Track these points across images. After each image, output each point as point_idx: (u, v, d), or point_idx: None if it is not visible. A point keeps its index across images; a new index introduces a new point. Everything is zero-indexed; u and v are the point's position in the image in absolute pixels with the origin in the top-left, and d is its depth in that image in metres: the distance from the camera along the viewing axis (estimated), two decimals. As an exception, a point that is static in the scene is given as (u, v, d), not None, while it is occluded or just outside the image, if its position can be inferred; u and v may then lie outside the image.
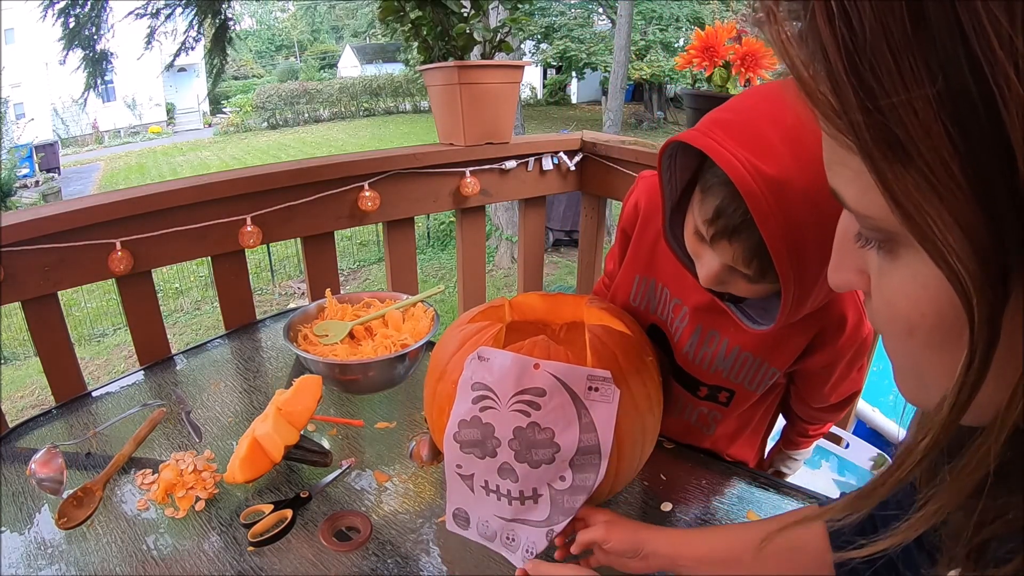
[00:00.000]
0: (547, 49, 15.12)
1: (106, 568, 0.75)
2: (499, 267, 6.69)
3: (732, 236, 0.62)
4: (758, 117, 0.57)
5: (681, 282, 0.81)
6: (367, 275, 6.88)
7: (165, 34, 4.36)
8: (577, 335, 0.82)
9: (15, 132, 13.80)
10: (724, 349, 0.80)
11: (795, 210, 0.54)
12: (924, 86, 0.20)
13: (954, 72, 0.20)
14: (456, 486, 0.70)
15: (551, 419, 0.64)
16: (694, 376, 0.86)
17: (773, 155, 0.54)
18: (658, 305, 0.87)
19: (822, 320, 0.73)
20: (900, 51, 0.20)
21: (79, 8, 4.07)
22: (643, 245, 0.87)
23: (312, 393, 0.92)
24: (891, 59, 0.20)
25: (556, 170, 1.75)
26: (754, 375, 0.81)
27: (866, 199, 0.25)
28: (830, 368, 0.79)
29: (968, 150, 0.20)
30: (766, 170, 0.53)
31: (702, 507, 0.85)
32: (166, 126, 21.53)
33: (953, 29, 0.19)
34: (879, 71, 0.21)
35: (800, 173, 0.53)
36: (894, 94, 0.21)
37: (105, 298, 5.92)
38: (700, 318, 0.80)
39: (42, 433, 1.03)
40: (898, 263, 0.26)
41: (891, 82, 0.21)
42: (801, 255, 0.56)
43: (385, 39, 22.28)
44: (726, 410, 0.88)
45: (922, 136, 0.21)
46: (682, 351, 0.85)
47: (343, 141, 15.96)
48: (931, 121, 0.20)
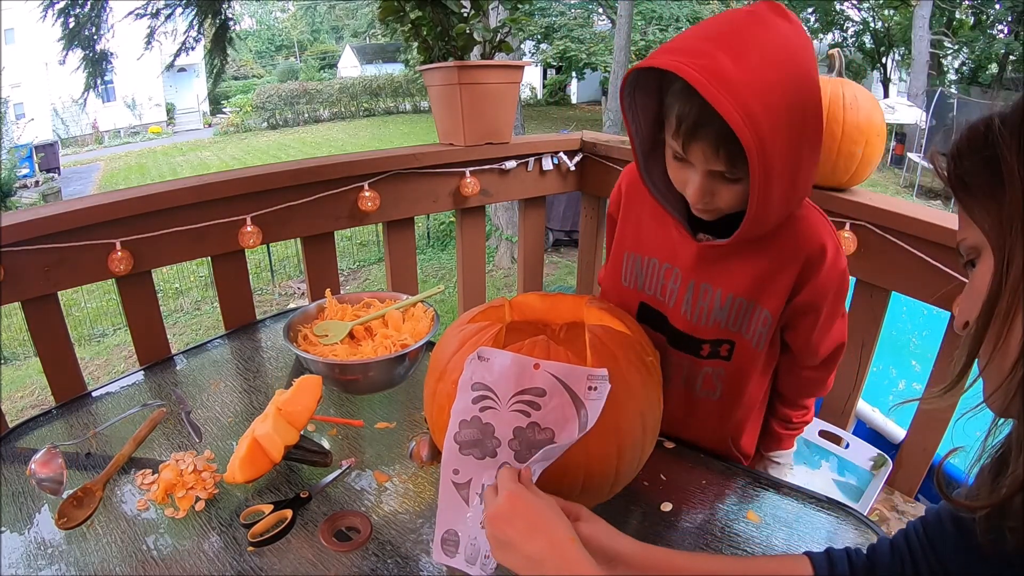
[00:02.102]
0: (547, 49, 15.11)
1: (106, 568, 0.75)
2: (499, 267, 6.69)
3: (696, 134, 0.68)
4: (691, 39, 0.67)
5: (669, 247, 0.86)
6: (367, 275, 6.88)
7: (165, 34, 4.36)
8: (577, 335, 0.82)
9: (15, 132, 13.79)
10: (719, 299, 0.84)
11: (737, 88, 0.62)
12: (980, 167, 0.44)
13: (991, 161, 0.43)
14: (448, 500, 0.68)
15: (551, 419, 0.64)
16: (695, 336, 0.88)
17: (708, 56, 0.64)
18: (647, 279, 0.91)
19: (803, 251, 0.79)
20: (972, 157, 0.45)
21: (79, 8, 4.07)
22: (628, 223, 0.92)
23: (312, 393, 0.92)
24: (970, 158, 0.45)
25: (556, 170, 1.75)
26: (750, 320, 0.84)
27: (962, 229, 0.48)
28: (816, 307, 0.83)
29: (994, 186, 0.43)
30: (703, 63, 0.63)
31: (702, 507, 0.85)
32: (166, 126, 21.52)
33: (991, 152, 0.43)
34: (964, 162, 0.46)
35: (734, 63, 0.63)
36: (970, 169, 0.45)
37: (105, 298, 5.92)
38: (692, 275, 0.85)
39: (42, 433, 1.03)
40: (979, 267, 0.46)
41: (969, 166, 0.45)
42: (757, 126, 0.63)
43: (385, 39, 22.29)
44: (729, 365, 0.89)
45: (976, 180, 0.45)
46: (681, 313, 0.88)
47: (343, 141, 15.95)
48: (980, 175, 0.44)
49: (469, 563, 0.68)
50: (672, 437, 0.97)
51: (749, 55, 0.64)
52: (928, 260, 1.15)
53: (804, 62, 0.67)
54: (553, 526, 0.53)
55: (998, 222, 0.43)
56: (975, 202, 0.45)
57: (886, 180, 9.85)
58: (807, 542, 0.79)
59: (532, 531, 0.53)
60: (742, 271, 0.81)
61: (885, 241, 1.22)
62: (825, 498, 0.87)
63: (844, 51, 1.08)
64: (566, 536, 0.53)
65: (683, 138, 0.70)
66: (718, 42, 0.65)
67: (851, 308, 1.38)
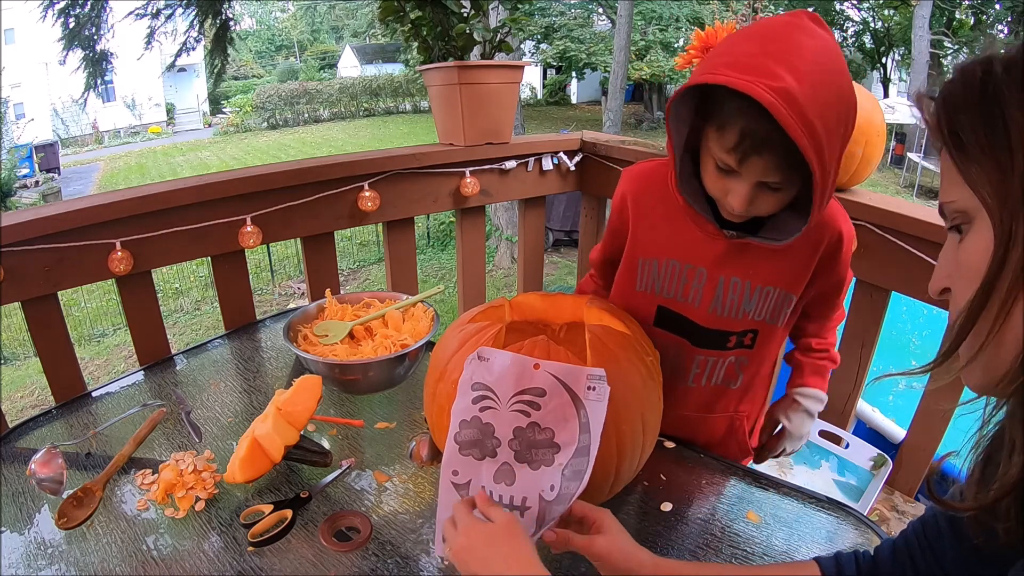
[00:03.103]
0: (547, 49, 15.11)
1: (106, 568, 0.75)
2: (499, 267, 6.69)
3: (761, 150, 0.70)
4: (744, 55, 0.68)
5: (690, 247, 0.87)
6: (367, 275, 6.88)
7: (165, 34, 4.35)
8: (577, 335, 0.82)
9: (15, 132, 13.79)
10: (748, 291, 0.86)
11: (803, 109, 0.64)
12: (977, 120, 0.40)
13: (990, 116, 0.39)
14: (448, 498, 0.69)
15: (551, 419, 0.64)
16: (723, 330, 0.90)
17: (772, 74, 0.65)
18: (666, 282, 0.90)
19: (824, 238, 0.83)
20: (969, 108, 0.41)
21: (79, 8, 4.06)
22: (640, 230, 0.92)
23: (312, 393, 0.92)
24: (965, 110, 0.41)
25: (556, 170, 1.75)
26: (775, 307, 0.87)
27: (950, 189, 0.43)
28: (840, 283, 0.89)
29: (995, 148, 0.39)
30: (771, 84, 0.64)
31: (702, 507, 0.85)
32: (166, 126, 21.52)
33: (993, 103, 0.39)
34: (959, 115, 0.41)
35: (797, 82, 0.64)
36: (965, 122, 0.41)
37: (105, 298, 5.92)
38: (719, 271, 0.86)
39: (42, 433, 1.03)
40: (969, 235, 0.42)
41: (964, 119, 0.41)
42: (819, 146, 0.65)
43: (385, 39, 22.29)
44: (751, 352, 0.91)
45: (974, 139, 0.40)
46: (708, 311, 0.88)
47: (343, 141, 15.95)
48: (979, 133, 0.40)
49: None
50: (678, 439, 0.97)
51: (808, 71, 0.65)
52: (928, 260, 1.15)
53: (845, 73, 0.69)
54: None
55: (1001, 192, 0.39)
56: (971, 163, 0.40)
57: (886, 180, 9.85)
58: (807, 542, 0.79)
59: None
60: (768, 261, 0.84)
61: (885, 241, 1.22)
62: (825, 498, 0.87)
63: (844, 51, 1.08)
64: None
65: (742, 154, 0.71)
66: (777, 57, 0.66)
67: (851, 308, 1.38)
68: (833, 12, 14.27)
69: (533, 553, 0.56)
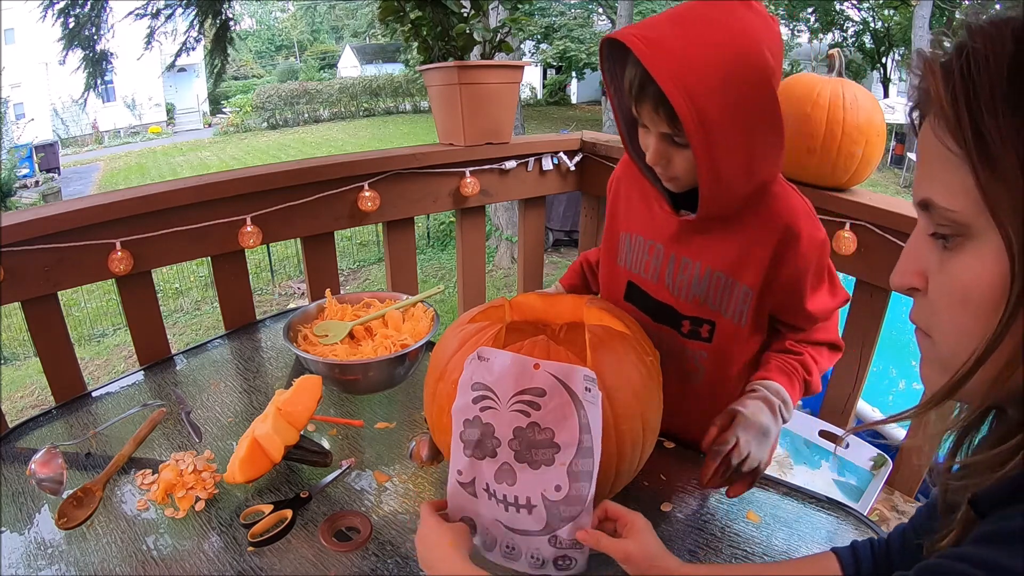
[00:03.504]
0: (547, 49, 15.12)
1: (106, 568, 0.75)
2: (499, 267, 6.68)
3: (640, 95, 0.74)
4: (658, 17, 0.73)
5: (653, 224, 0.90)
6: (367, 275, 6.88)
7: (165, 34, 4.36)
8: (577, 335, 0.82)
9: (15, 132, 13.79)
10: (698, 271, 0.86)
11: (672, 53, 0.68)
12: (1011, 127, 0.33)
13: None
14: (456, 493, 0.69)
15: (551, 419, 0.64)
16: (675, 309, 0.90)
17: (654, 28, 0.71)
18: (634, 257, 0.94)
19: (776, 231, 0.81)
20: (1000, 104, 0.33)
21: (79, 8, 4.06)
22: (620, 205, 0.96)
23: (312, 393, 0.92)
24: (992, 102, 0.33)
25: (556, 170, 1.75)
26: (729, 298, 0.86)
27: (954, 197, 0.36)
28: (800, 279, 0.83)
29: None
30: (651, 35, 0.69)
31: (702, 507, 0.85)
32: (166, 126, 21.51)
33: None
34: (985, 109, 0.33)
35: (676, 37, 0.68)
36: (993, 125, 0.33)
37: (105, 298, 5.91)
38: (673, 248, 0.88)
39: (42, 433, 1.03)
40: (962, 252, 0.37)
41: (992, 118, 0.33)
42: (686, 86, 0.67)
43: (385, 39, 22.27)
44: (710, 347, 0.90)
45: (1005, 153, 0.33)
46: (665, 286, 0.91)
47: (343, 141, 15.95)
48: (1011, 147, 0.33)
49: (484, 548, 0.70)
50: (668, 434, 0.97)
51: (696, 32, 0.69)
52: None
53: (755, 46, 0.70)
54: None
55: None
56: (999, 180, 0.33)
57: (886, 180, 9.85)
58: (807, 542, 0.79)
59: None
60: (719, 246, 0.84)
61: (885, 241, 1.22)
62: (825, 498, 0.87)
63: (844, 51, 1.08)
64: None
65: (634, 100, 0.76)
66: (673, 20, 0.71)
67: (851, 308, 1.38)
68: (833, 12, 14.28)
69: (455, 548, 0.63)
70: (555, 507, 0.66)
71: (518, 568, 0.70)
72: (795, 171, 1.33)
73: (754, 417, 0.80)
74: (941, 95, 0.36)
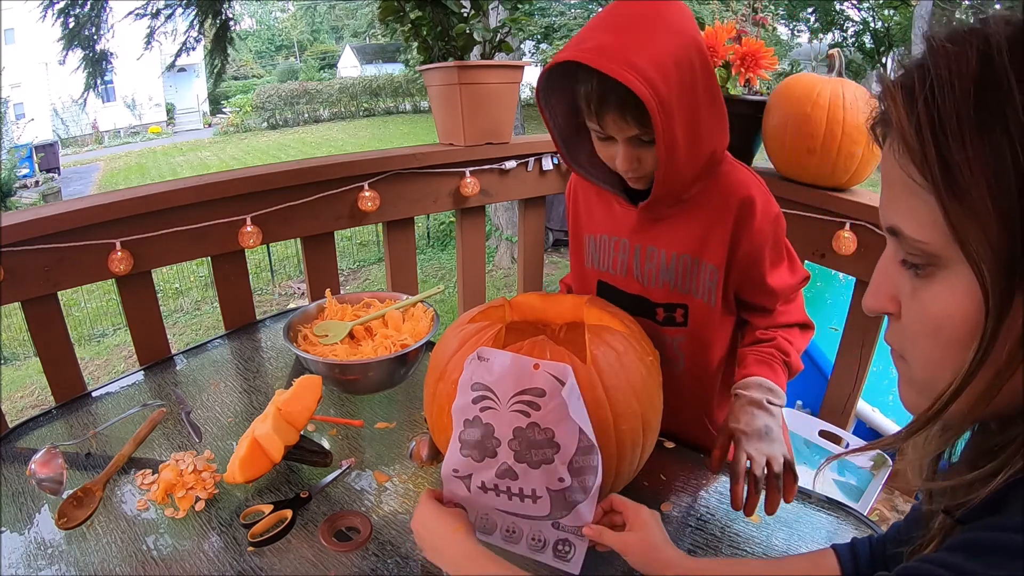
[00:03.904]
0: (547, 49, 15.10)
1: (106, 568, 0.75)
2: (499, 267, 6.68)
3: (604, 106, 0.75)
4: (584, 29, 0.76)
5: (613, 221, 0.93)
6: (367, 275, 6.87)
7: (165, 34, 4.35)
8: (577, 335, 0.82)
9: (15, 132, 13.78)
10: (663, 259, 0.88)
11: (620, 51, 0.70)
12: (979, 155, 0.30)
13: (998, 148, 0.30)
14: (451, 481, 0.70)
15: (551, 419, 0.64)
16: (647, 298, 0.92)
17: (590, 38, 0.73)
18: (600, 256, 0.96)
19: (732, 206, 0.82)
20: (967, 131, 0.31)
21: (79, 8, 4.06)
22: (580, 209, 0.99)
23: (312, 393, 0.92)
24: (959, 131, 0.31)
25: (556, 170, 1.75)
26: (697, 278, 0.88)
27: (924, 228, 0.35)
28: (759, 252, 0.85)
29: (1000, 195, 0.30)
30: (590, 45, 0.72)
31: (702, 507, 0.85)
32: (166, 126, 21.51)
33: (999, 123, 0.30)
34: (952, 139, 0.31)
35: (613, 36, 0.72)
36: (960, 155, 0.31)
37: (105, 298, 5.91)
38: (636, 239, 0.90)
39: (42, 433, 1.03)
40: (934, 281, 0.36)
41: (959, 147, 0.31)
42: (646, 76, 0.69)
43: (385, 39, 22.27)
44: (687, 331, 0.92)
45: (974, 184, 0.31)
46: (634, 279, 0.93)
47: (343, 141, 15.94)
48: (980, 175, 0.31)
49: (482, 533, 0.71)
50: (668, 434, 0.97)
51: (627, 26, 0.73)
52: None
53: (681, 22, 0.74)
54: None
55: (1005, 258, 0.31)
56: (969, 215, 0.31)
57: (886, 180, 9.84)
58: (807, 542, 0.79)
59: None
60: (681, 230, 0.86)
61: (885, 241, 1.22)
62: (825, 498, 0.87)
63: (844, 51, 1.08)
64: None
65: (596, 115, 0.77)
66: (600, 26, 0.74)
67: (852, 308, 1.38)
68: (833, 12, 14.28)
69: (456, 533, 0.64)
70: (560, 495, 0.66)
71: (517, 551, 0.70)
72: (795, 171, 1.33)
73: (750, 426, 0.79)
74: (904, 125, 0.34)
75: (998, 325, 0.32)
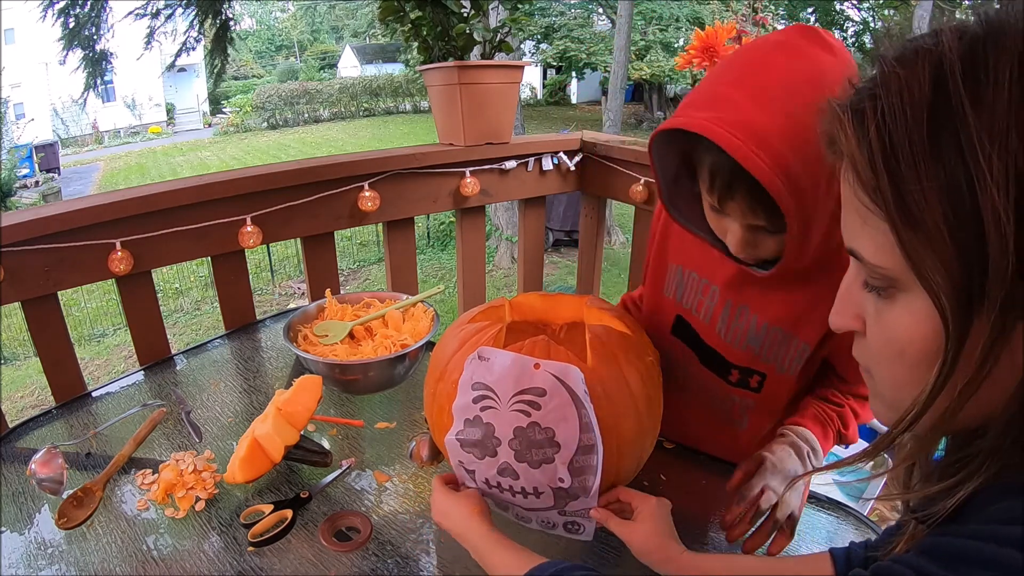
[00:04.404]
0: (547, 49, 15.11)
1: (106, 568, 0.75)
2: (499, 267, 6.69)
3: (731, 191, 0.65)
4: (718, 85, 0.64)
5: (709, 263, 0.83)
6: (367, 275, 6.88)
7: (165, 34, 4.36)
8: (577, 335, 0.82)
9: (15, 132, 13.79)
10: (755, 324, 0.80)
11: (770, 141, 0.58)
12: (934, 182, 0.30)
13: (952, 175, 0.30)
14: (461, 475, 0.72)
15: (551, 419, 0.64)
16: (725, 358, 0.85)
17: (736, 108, 0.60)
18: (686, 292, 0.88)
19: None
20: (920, 159, 0.31)
21: (79, 8, 4.06)
22: (673, 235, 0.89)
23: (312, 393, 0.92)
24: (912, 159, 0.31)
25: (556, 170, 1.75)
26: (785, 352, 0.79)
27: (881, 254, 0.35)
28: None
29: (956, 223, 0.30)
30: (731, 118, 0.60)
31: (702, 507, 0.85)
32: (166, 126, 21.51)
33: (954, 149, 0.29)
34: (905, 167, 0.31)
35: (762, 113, 0.59)
36: (914, 185, 0.31)
37: (105, 298, 5.92)
38: (729, 294, 0.82)
39: (42, 433, 1.03)
40: (895, 304, 0.36)
41: (912, 176, 0.31)
42: (791, 177, 0.59)
43: (385, 39, 22.28)
44: (758, 397, 0.85)
45: (928, 213, 0.31)
46: (716, 331, 0.85)
47: (343, 141, 15.95)
48: (935, 204, 0.30)
49: (498, 507, 0.73)
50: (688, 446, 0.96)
51: (775, 97, 0.59)
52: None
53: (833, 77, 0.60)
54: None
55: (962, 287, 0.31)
56: (924, 246, 0.31)
57: (886, 180, 9.84)
58: (807, 542, 0.79)
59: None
60: (781, 299, 0.77)
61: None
62: (825, 498, 0.87)
63: (844, 51, 1.07)
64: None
65: (718, 194, 0.67)
66: (742, 85, 0.61)
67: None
68: (833, 12, 14.28)
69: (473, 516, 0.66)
70: (561, 492, 0.67)
71: (531, 527, 0.73)
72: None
73: (781, 464, 0.76)
74: (855, 155, 0.34)
75: (959, 347, 0.32)
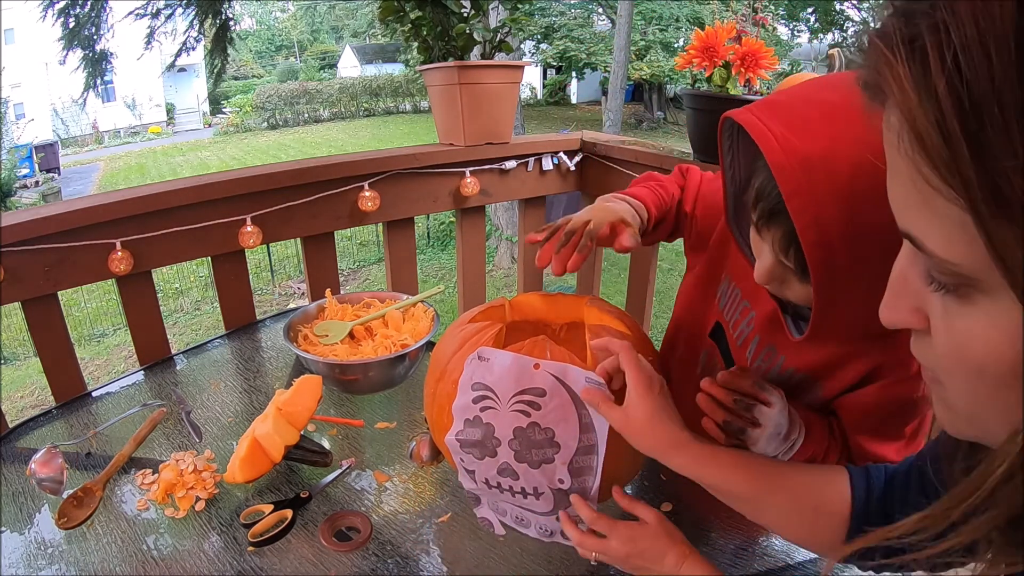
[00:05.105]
0: (547, 49, 15.12)
1: (106, 568, 0.75)
2: (499, 267, 6.69)
3: (771, 220, 0.60)
4: (802, 97, 0.56)
5: (754, 287, 0.76)
6: (367, 275, 6.88)
7: (165, 34, 4.35)
8: (577, 335, 0.82)
9: (15, 132, 13.79)
10: (779, 367, 0.76)
11: (825, 190, 0.52)
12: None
13: None
14: (463, 478, 0.71)
15: (551, 419, 0.64)
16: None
17: (809, 131, 0.53)
18: (729, 308, 0.84)
19: (885, 353, 0.67)
20: (1018, 120, 0.21)
21: (79, 8, 4.06)
22: (731, 247, 0.83)
23: (312, 393, 0.92)
24: (1004, 123, 0.21)
25: (556, 170, 1.75)
26: (802, 393, 0.76)
27: (954, 247, 0.26)
28: (875, 409, 0.70)
29: None
30: (799, 146, 0.52)
31: (702, 507, 0.85)
32: (166, 126, 21.51)
33: None
34: (993, 133, 0.22)
35: (834, 150, 0.52)
36: (1007, 159, 0.22)
37: (105, 298, 5.92)
38: (763, 328, 0.77)
39: (42, 433, 1.03)
40: (972, 308, 0.27)
41: (1005, 145, 0.22)
42: (828, 239, 0.53)
43: (385, 39, 22.27)
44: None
45: None
46: (745, 355, 0.81)
47: (343, 141, 15.95)
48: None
49: (496, 513, 0.73)
50: None
51: (851, 145, 0.51)
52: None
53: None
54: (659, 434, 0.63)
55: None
56: (1010, 220, 0.23)
57: (886, 180, 9.84)
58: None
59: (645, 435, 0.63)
60: (811, 349, 0.72)
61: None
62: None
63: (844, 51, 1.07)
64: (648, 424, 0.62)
65: (758, 215, 0.61)
66: (823, 113, 0.54)
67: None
68: (833, 12, 14.28)
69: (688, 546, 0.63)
70: (561, 494, 0.67)
71: (528, 534, 0.72)
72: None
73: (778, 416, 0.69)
74: (915, 113, 0.24)
75: None
